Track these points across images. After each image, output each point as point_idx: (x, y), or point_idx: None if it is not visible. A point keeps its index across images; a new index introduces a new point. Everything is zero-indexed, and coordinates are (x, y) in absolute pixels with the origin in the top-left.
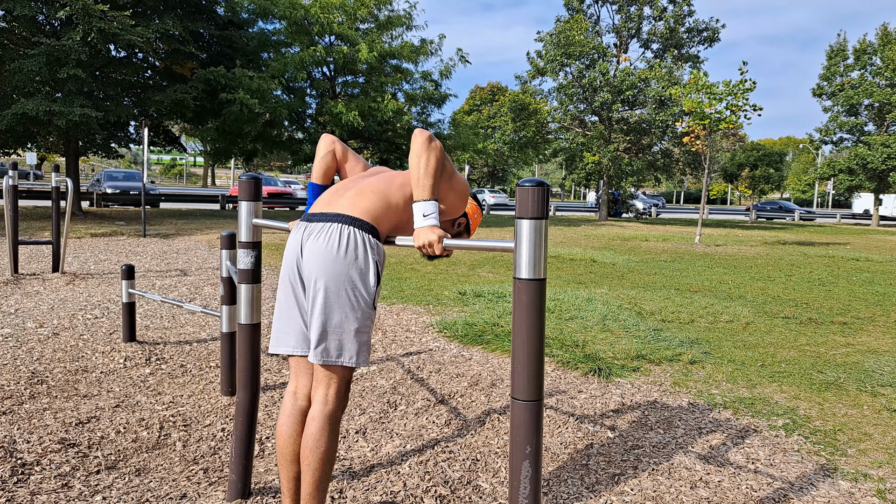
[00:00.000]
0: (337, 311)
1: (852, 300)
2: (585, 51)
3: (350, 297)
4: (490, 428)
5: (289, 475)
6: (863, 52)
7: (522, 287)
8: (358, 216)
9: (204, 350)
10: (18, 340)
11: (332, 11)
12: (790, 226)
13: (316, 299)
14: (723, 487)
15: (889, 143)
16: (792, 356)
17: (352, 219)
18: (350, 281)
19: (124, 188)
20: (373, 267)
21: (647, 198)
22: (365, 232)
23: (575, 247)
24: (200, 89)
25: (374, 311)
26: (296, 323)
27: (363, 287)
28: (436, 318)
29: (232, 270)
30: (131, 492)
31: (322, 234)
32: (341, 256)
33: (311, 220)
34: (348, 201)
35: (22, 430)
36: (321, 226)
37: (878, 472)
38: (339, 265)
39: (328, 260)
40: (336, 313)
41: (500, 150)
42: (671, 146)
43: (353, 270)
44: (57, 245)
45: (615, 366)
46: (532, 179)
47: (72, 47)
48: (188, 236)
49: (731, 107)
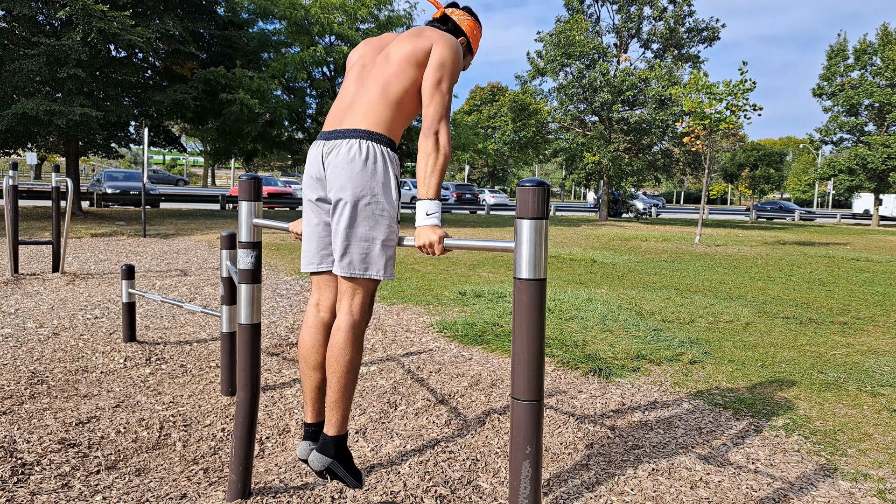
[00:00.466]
0: (362, 224)
1: (852, 300)
2: (585, 51)
3: (374, 210)
4: (490, 428)
5: (312, 384)
6: (863, 53)
7: (522, 287)
8: (374, 130)
9: (204, 350)
10: (18, 340)
11: (332, 11)
12: (790, 226)
13: (343, 213)
14: (723, 487)
15: (889, 143)
16: (792, 356)
17: (369, 133)
18: (373, 194)
19: (124, 188)
20: (394, 180)
21: (647, 198)
22: (383, 145)
23: (575, 247)
24: (200, 89)
25: (398, 224)
26: (318, 240)
27: (385, 200)
28: (436, 318)
29: (232, 270)
30: (131, 492)
31: (343, 149)
32: (363, 169)
33: (328, 137)
34: (361, 115)
35: (22, 430)
36: (340, 142)
37: (878, 472)
38: (362, 178)
39: (352, 173)
40: (361, 226)
41: (500, 151)
42: (671, 146)
43: (376, 183)
44: (57, 245)
45: (615, 366)
46: (532, 179)
47: (72, 47)
48: (188, 236)
49: (731, 107)
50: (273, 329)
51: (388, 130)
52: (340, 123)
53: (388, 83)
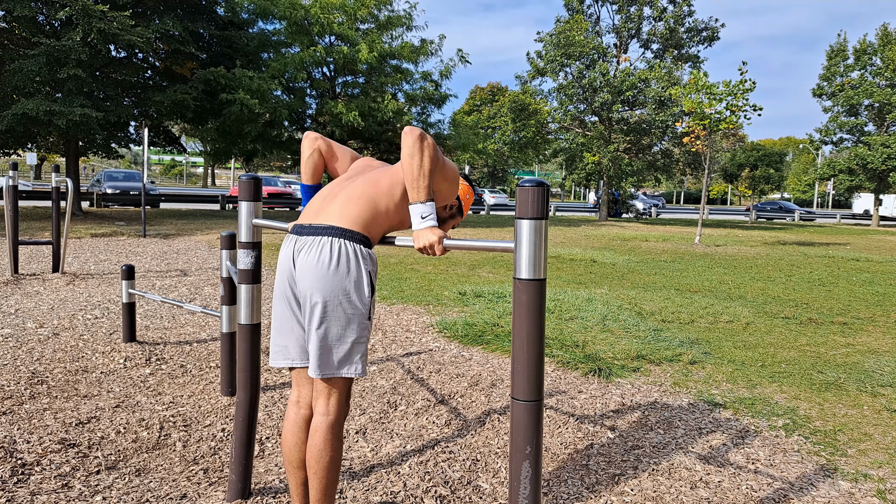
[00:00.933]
0: (334, 325)
1: (852, 300)
2: (585, 51)
3: (346, 309)
4: (490, 428)
5: (296, 481)
6: (863, 53)
7: (522, 287)
8: (348, 227)
9: (204, 350)
10: (18, 340)
11: (332, 12)
12: (790, 226)
13: (313, 315)
14: (723, 487)
15: (889, 144)
16: (792, 356)
17: (342, 230)
18: (345, 294)
19: (124, 188)
20: (366, 277)
21: (647, 198)
22: (356, 243)
23: (575, 247)
24: (200, 89)
25: (370, 320)
26: (294, 335)
27: (358, 299)
28: (436, 319)
29: (232, 270)
30: (131, 492)
31: (313, 249)
32: (334, 270)
33: (300, 232)
34: (337, 211)
35: (22, 430)
36: (311, 239)
37: (878, 473)
38: (332, 279)
39: (321, 275)
40: (333, 327)
41: (500, 151)
42: (671, 146)
43: (348, 283)
44: (57, 245)
45: (615, 366)
46: (532, 179)
47: (72, 47)
48: (188, 236)
49: (731, 107)
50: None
51: (365, 228)
52: (316, 217)
53: (377, 182)
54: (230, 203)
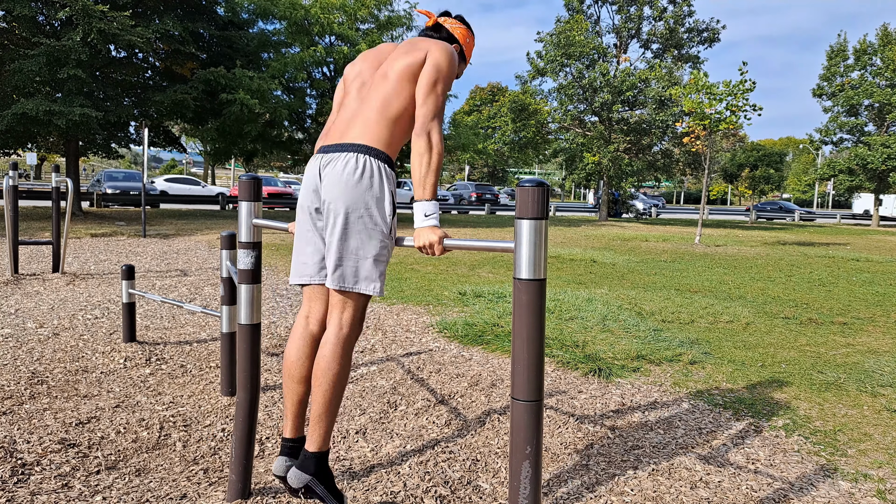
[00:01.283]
0: (354, 237)
1: (852, 300)
2: (585, 51)
3: (367, 224)
4: (490, 428)
5: (295, 398)
6: (863, 53)
7: (522, 287)
8: (373, 145)
9: (204, 350)
10: (18, 340)
11: (332, 12)
12: (790, 226)
13: (335, 225)
14: (723, 488)
15: (889, 144)
16: (792, 356)
17: (367, 148)
18: (367, 208)
19: (124, 188)
20: (388, 196)
21: (647, 198)
22: (381, 161)
23: (575, 247)
24: (200, 89)
25: (391, 240)
26: (312, 248)
27: (379, 214)
28: (436, 319)
29: (232, 270)
30: (131, 492)
31: (340, 161)
32: (357, 182)
33: (327, 150)
34: (359, 130)
35: (22, 430)
36: (338, 154)
37: (878, 473)
38: (356, 191)
39: (346, 185)
40: (353, 238)
41: (500, 151)
42: (671, 146)
43: (370, 197)
44: (57, 245)
45: (615, 366)
46: (532, 179)
47: (72, 47)
48: (188, 236)
49: (731, 107)
50: (273, 329)
51: (387, 147)
52: (341, 138)
53: (388, 101)
54: (230, 203)
